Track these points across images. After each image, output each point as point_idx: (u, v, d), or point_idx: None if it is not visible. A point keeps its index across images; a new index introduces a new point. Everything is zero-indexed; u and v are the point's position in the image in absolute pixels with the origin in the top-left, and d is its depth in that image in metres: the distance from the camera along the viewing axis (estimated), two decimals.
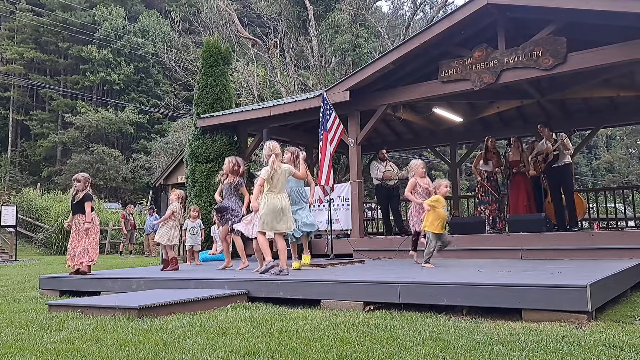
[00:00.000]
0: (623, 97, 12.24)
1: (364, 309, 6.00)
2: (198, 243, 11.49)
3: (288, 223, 7.50)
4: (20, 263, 18.21)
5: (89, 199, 8.90)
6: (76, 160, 41.09)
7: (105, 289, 8.12)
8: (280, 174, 7.51)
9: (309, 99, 11.34)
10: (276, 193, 7.45)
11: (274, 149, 7.58)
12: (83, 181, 8.94)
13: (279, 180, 7.48)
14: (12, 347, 4.51)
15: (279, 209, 7.38)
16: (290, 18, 25.65)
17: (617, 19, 8.52)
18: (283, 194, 7.52)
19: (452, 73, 10.03)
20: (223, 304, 6.51)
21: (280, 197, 7.45)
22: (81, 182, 8.90)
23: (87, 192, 8.93)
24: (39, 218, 27.46)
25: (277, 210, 7.37)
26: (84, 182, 8.95)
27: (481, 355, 3.88)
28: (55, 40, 47.81)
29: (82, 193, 8.86)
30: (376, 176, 12.48)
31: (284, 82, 25.00)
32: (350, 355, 3.96)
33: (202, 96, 13.48)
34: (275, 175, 7.45)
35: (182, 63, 30.95)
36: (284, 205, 7.44)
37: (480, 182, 11.80)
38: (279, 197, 7.44)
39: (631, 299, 6.40)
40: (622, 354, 3.84)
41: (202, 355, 4.06)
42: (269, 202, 7.39)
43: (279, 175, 7.49)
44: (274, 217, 7.36)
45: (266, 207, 7.37)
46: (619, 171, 48.09)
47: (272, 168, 7.43)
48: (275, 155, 7.53)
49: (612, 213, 15.85)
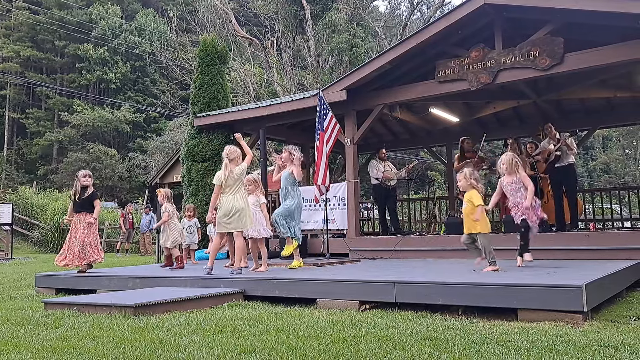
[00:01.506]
0: (620, 98, 12.26)
1: (359, 308, 6.01)
2: (195, 242, 11.46)
3: (239, 223, 7.70)
4: (16, 261, 18.16)
5: (97, 197, 8.88)
6: (72, 158, 40.98)
7: (101, 287, 8.11)
8: (234, 177, 7.75)
9: (306, 98, 11.33)
10: (228, 194, 7.75)
11: (229, 154, 7.87)
12: (90, 178, 8.90)
13: (233, 182, 7.73)
14: (8, 345, 4.50)
15: (230, 209, 7.67)
16: (287, 17, 25.64)
17: (615, 20, 8.53)
18: (237, 195, 7.76)
19: (449, 73, 10.03)
20: (219, 302, 6.51)
21: (234, 198, 7.73)
22: (92, 178, 8.84)
23: (93, 189, 8.90)
24: (35, 216, 27.42)
25: (228, 211, 7.67)
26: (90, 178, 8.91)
27: (476, 354, 3.89)
28: (52, 39, 47.70)
29: (91, 190, 8.81)
30: (376, 175, 12.44)
31: (281, 82, 24.98)
32: (345, 353, 3.96)
33: (198, 95, 13.48)
34: (228, 179, 7.73)
35: (178, 62, 30.94)
36: (237, 206, 7.69)
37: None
38: (232, 197, 7.72)
39: (627, 299, 6.42)
40: (617, 354, 3.85)
41: (197, 353, 4.06)
42: (222, 204, 7.77)
43: (231, 177, 7.73)
44: (224, 217, 7.70)
45: (219, 209, 7.77)
46: (615, 172, 48.19)
47: (225, 172, 7.73)
48: (230, 160, 7.81)
49: (608, 214, 15.89)
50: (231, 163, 7.80)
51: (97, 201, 8.79)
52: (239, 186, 7.81)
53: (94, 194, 8.80)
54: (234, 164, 7.82)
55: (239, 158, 7.93)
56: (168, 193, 9.94)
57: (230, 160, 7.81)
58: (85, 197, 8.75)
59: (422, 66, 10.77)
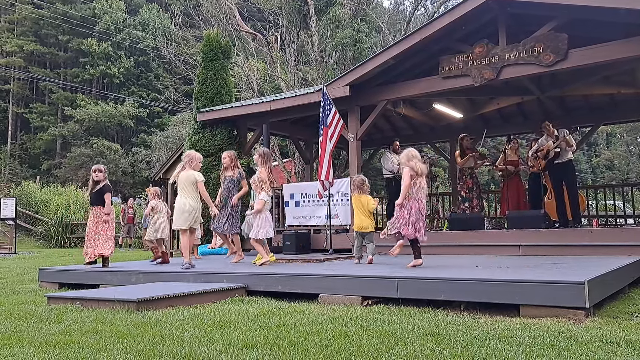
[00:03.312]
0: (623, 95, 12.23)
1: (362, 304, 6.01)
2: (197, 237, 11.47)
3: (178, 222, 8.29)
4: (19, 256, 18.22)
5: (109, 190, 8.88)
6: (76, 153, 41.09)
7: (104, 281, 8.13)
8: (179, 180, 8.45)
9: (309, 93, 11.32)
10: (178, 195, 8.51)
11: (183, 159, 8.68)
12: (104, 171, 8.90)
13: (180, 185, 8.43)
14: (11, 339, 4.52)
15: (178, 209, 8.34)
16: (290, 12, 25.55)
17: (619, 16, 8.49)
18: (181, 196, 8.40)
19: (453, 69, 10.01)
20: (221, 297, 6.52)
21: (180, 198, 8.39)
22: (102, 172, 8.83)
23: (107, 182, 8.90)
24: (39, 211, 27.50)
25: (177, 210, 8.36)
26: (105, 172, 8.90)
27: (478, 350, 3.89)
28: (55, 33, 47.76)
29: (103, 184, 8.82)
30: (391, 169, 12.28)
31: (284, 77, 24.92)
32: (347, 349, 3.97)
33: (202, 90, 13.47)
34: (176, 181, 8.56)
35: (182, 57, 30.88)
36: (180, 206, 8.33)
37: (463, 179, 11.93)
38: (179, 198, 8.43)
39: (629, 296, 6.41)
40: (619, 350, 3.85)
41: (200, 348, 4.06)
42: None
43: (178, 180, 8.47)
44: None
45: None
46: (618, 168, 48.09)
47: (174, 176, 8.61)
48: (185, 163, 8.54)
49: (612, 210, 15.87)
50: (186, 166, 8.48)
51: (108, 194, 8.76)
52: (187, 189, 8.34)
53: (104, 187, 8.78)
54: (187, 168, 8.45)
55: (195, 164, 8.53)
56: (157, 191, 10.31)
57: (185, 164, 8.51)
58: (96, 191, 8.79)
59: (426, 62, 10.76)
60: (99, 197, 8.76)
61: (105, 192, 8.76)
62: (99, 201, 8.78)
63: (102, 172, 8.84)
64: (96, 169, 8.92)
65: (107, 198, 8.75)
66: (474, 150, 12.08)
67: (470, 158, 11.82)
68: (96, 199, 8.80)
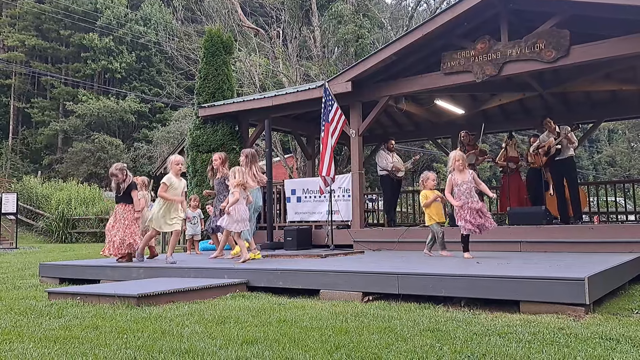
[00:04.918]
0: (625, 91, 12.21)
1: (362, 300, 6.02)
2: (198, 232, 11.49)
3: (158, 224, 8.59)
4: (20, 251, 18.25)
5: (135, 187, 8.90)
6: (77, 148, 41.08)
7: (104, 277, 8.14)
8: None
9: (311, 89, 11.32)
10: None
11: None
12: (120, 172, 8.76)
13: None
14: (11, 334, 4.53)
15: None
16: (293, 8, 25.50)
17: (621, 12, 8.48)
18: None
19: (455, 65, 10.00)
20: (222, 293, 6.53)
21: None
22: (118, 175, 8.73)
23: (131, 180, 8.88)
24: (40, 206, 27.51)
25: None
26: (121, 172, 8.78)
27: (478, 346, 3.89)
28: (57, 28, 47.68)
29: (127, 183, 8.77)
30: (385, 166, 12.40)
31: (286, 72, 24.89)
32: (348, 344, 3.97)
33: (203, 85, 13.46)
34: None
35: (184, 52, 30.82)
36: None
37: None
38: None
39: (629, 292, 6.41)
40: (618, 346, 3.85)
41: (200, 343, 4.07)
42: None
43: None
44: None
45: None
46: (620, 165, 48.04)
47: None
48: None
49: (613, 207, 15.86)
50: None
51: (135, 192, 8.77)
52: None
53: (130, 185, 8.77)
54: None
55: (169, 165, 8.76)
56: (145, 181, 10.29)
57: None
58: (124, 191, 8.79)
59: (428, 58, 10.74)
60: (126, 195, 8.79)
61: (131, 190, 8.77)
62: (124, 199, 8.80)
63: (117, 177, 8.73)
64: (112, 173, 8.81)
65: (135, 195, 8.77)
66: (474, 146, 12.08)
67: (470, 154, 11.82)
68: (122, 197, 8.83)
